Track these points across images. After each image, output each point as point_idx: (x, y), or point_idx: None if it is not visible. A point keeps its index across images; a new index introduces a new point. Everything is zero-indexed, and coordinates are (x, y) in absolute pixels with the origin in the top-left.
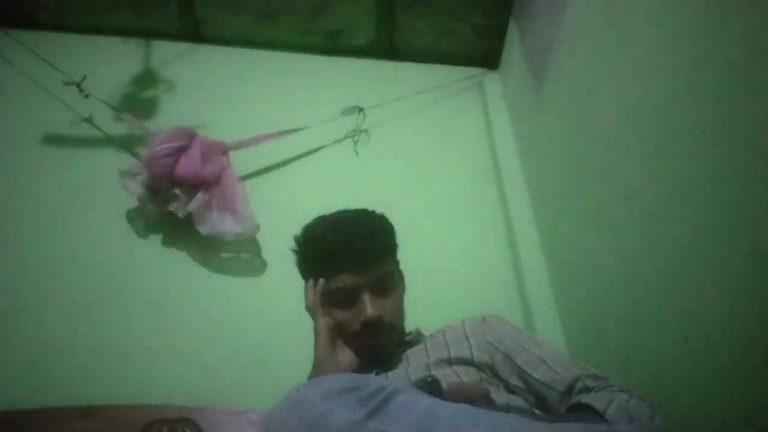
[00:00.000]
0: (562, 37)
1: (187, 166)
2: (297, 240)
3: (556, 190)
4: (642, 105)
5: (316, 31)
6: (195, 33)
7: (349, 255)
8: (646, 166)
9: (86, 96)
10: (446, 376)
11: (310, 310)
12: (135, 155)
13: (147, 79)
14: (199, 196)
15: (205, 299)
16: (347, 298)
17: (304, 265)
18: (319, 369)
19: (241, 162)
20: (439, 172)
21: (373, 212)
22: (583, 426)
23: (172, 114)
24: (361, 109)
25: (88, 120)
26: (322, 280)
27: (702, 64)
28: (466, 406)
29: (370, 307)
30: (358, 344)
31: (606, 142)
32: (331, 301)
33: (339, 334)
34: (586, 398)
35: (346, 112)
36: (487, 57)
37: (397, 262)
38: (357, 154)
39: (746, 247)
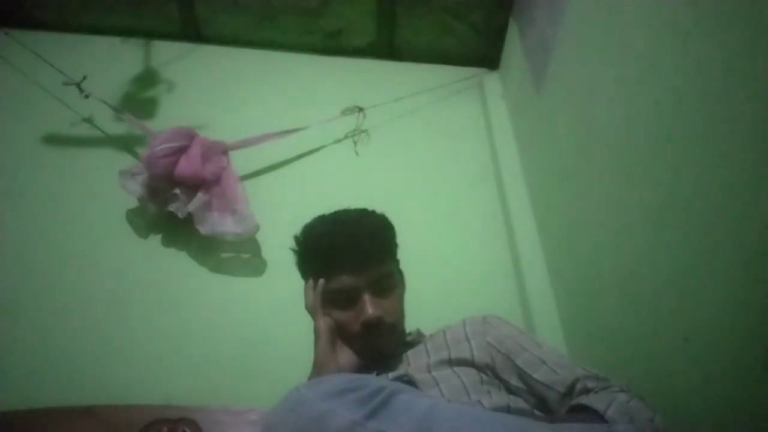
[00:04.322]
0: (562, 37)
1: (187, 166)
2: (297, 240)
3: (556, 190)
4: (642, 105)
5: (316, 31)
6: (195, 33)
7: (350, 255)
8: (646, 165)
9: (86, 96)
10: (447, 377)
11: (310, 310)
12: (135, 155)
13: (147, 79)
14: (199, 196)
15: (205, 299)
16: (347, 299)
17: (304, 265)
18: (319, 369)
19: (241, 162)
20: (439, 172)
21: (374, 212)
22: (582, 426)
23: (172, 114)
24: (361, 109)
25: (88, 120)
26: (322, 281)
27: (702, 64)
28: (466, 406)
29: (370, 307)
30: (359, 344)
31: (606, 141)
32: (331, 301)
33: (339, 334)
34: (586, 399)
35: (346, 112)
36: (487, 57)
37: (397, 262)
38: (357, 154)
39: (746, 246)
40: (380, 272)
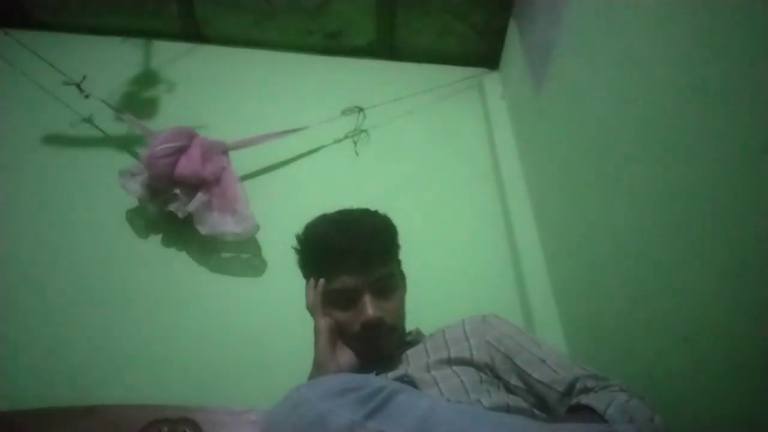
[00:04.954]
0: (562, 37)
1: (187, 166)
2: (299, 238)
3: (556, 190)
4: (642, 105)
5: (316, 31)
6: (195, 33)
7: (351, 255)
8: (646, 165)
9: (86, 96)
10: (446, 377)
11: (311, 309)
12: (135, 155)
13: (147, 79)
14: (199, 196)
15: (205, 299)
16: (348, 299)
17: (305, 264)
18: (319, 369)
19: (241, 162)
20: (439, 172)
21: (376, 212)
22: (582, 426)
23: (172, 114)
24: (361, 109)
25: (88, 120)
26: (322, 280)
27: (703, 63)
28: (465, 406)
29: (370, 308)
30: (358, 345)
31: (606, 141)
32: (331, 301)
33: (339, 334)
34: (585, 399)
35: (346, 112)
36: (487, 57)
37: (399, 263)
38: (357, 154)
39: (747, 246)
40: (381, 273)
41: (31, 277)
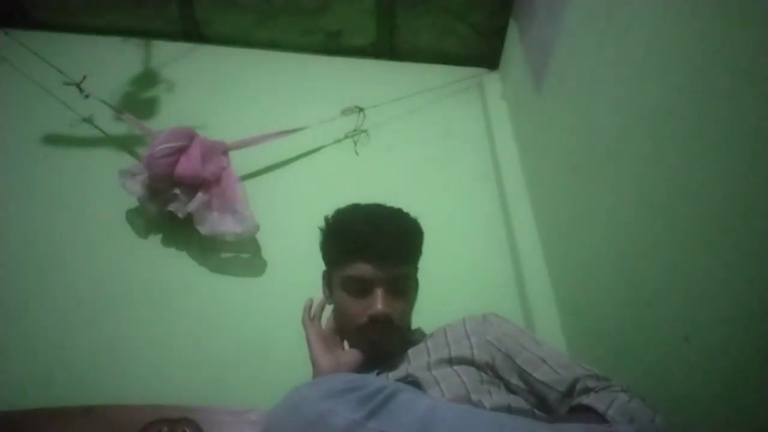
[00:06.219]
0: (562, 37)
1: (186, 166)
2: (327, 220)
3: (556, 190)
4: (642, 105)
5: (316, 31)
6: (195, 33)
7: (375, 246)
8: (646, 166)
9: (86, 96)
10: (447, 376)
11: (304, 324)
12: (135, 155)
13: (147, 79)
14: (199, 196)
15: (206, 299)
16: (362, 288)
17: (328, 246)
18: (318, 370)
19: (241, 162)
20: (439, 172)
21: (408, 214)
22: (583, 427)
23: (172, 114)
24: (361, 109)
25: (88, 120)
26: (317, 302)
27: (702, 64)
28: (466, 407)
29: (381, 302)
30: (360, 338)
31: (606, 142)
32: (344, 286)
33: (342, 325)
34: (586, 399)
35: (346, 112)
36: (487, 57)
37: (416, 270)
38: (357, 154)
39: (746, 247)
40: (400, 272)
41: (30, 277)
